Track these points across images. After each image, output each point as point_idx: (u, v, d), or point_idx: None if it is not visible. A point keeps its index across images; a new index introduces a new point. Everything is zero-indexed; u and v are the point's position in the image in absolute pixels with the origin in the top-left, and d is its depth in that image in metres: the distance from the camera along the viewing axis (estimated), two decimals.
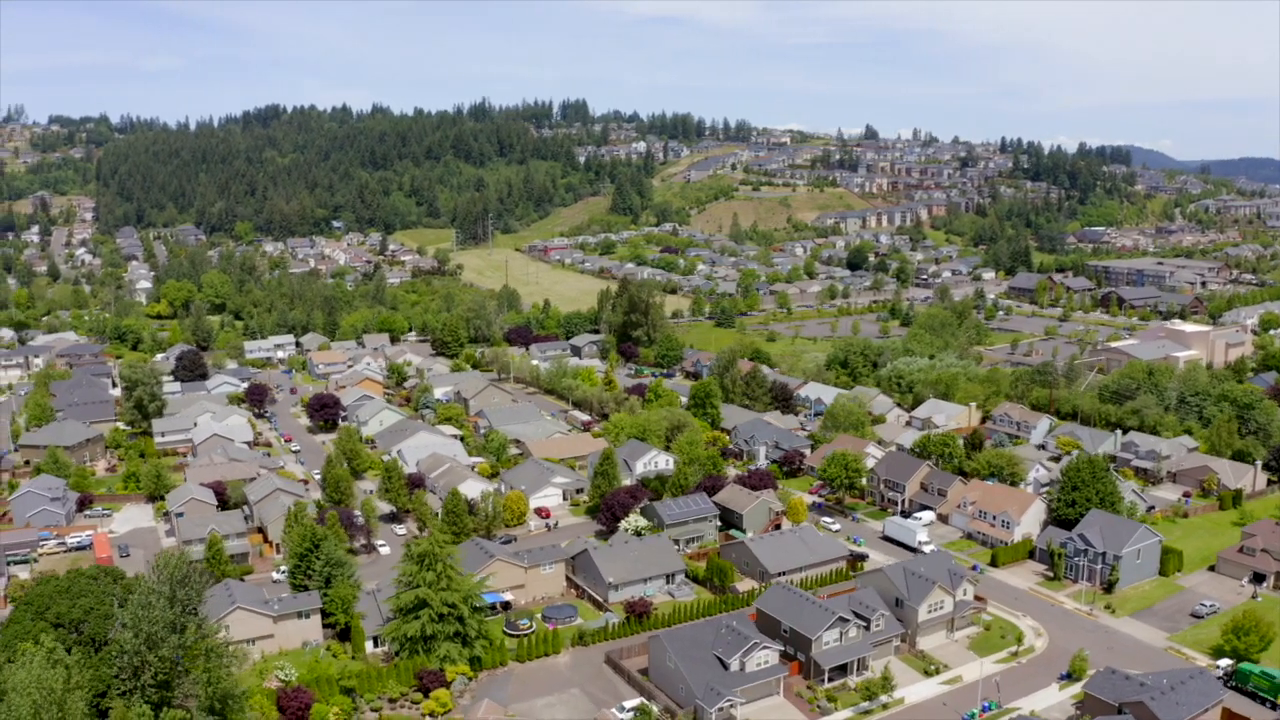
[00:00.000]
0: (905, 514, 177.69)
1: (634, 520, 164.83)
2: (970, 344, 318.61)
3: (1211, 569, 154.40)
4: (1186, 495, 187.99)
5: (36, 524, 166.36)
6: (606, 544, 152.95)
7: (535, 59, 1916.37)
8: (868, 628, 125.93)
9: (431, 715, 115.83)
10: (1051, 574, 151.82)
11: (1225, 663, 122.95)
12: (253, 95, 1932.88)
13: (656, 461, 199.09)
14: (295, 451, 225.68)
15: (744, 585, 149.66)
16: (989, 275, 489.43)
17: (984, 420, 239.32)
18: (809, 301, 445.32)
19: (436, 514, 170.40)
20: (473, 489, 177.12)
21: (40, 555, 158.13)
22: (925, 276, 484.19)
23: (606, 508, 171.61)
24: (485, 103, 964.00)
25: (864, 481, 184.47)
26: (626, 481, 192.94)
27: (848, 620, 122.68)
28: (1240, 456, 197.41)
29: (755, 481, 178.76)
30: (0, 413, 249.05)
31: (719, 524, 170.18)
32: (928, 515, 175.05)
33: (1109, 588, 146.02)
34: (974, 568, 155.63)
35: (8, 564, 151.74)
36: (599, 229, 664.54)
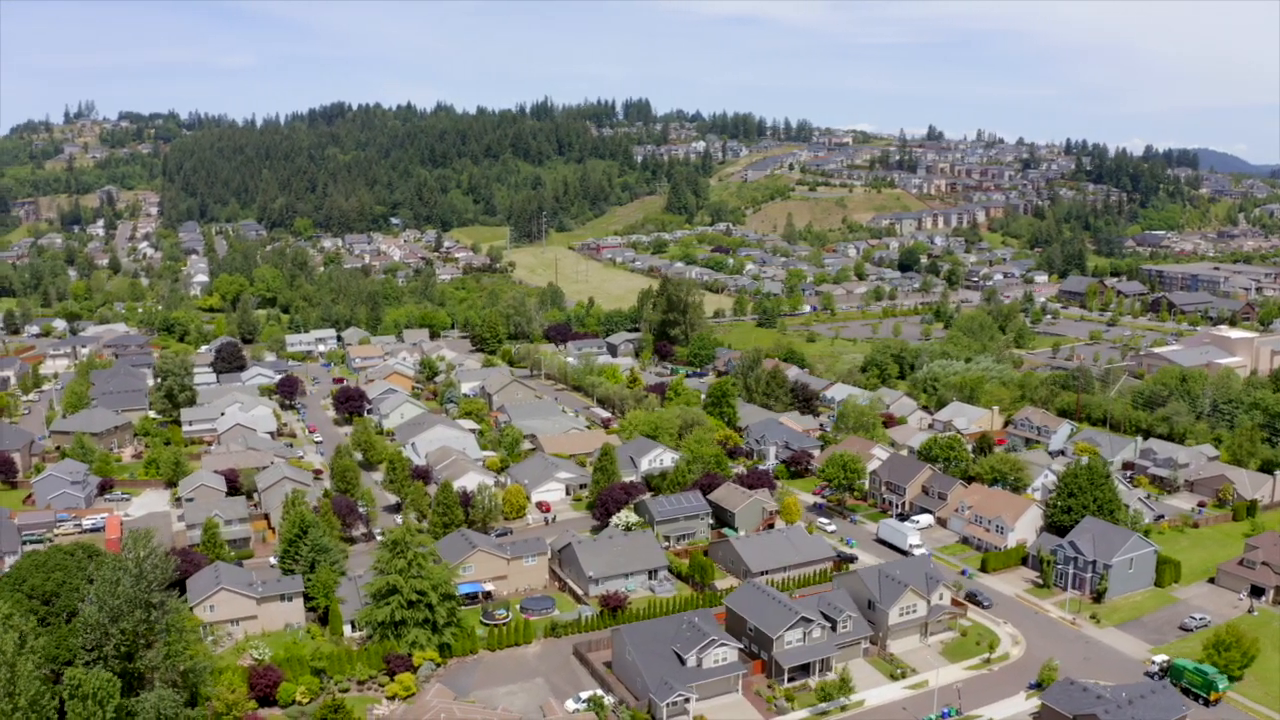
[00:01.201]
0: (903, 517, 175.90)
1: (625, 516, 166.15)
2: (1007, 347, 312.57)
3: (1211, 581, 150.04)
4: (1201, 505, 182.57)
5: (57, 506, 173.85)
6: (592, 538, 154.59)
7: (607, 58, 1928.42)
8: (834, 629, 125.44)
9: (395, 698, 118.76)
10: (1041, 581, 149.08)
11: (1161, 658, 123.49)
12: (325, 92, 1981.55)
13: (662, 458, 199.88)
14: (318, 442, 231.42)
15: (728, 583, 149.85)
16: (1041, 278, 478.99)
17: (1006, 424, 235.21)
18: (855, 303, 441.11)
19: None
20: (472, 481, 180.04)
21: (56, 536, 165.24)
22: (976, 279, 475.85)
23: (601, 503, 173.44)
24: (547, 101, 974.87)
25: (863, 483, 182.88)
26: (631, 478, 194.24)
27: (811, 620, 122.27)
28: (1269, 467, 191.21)
29: (752, 481, 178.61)
30: (42, 400, 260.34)
31: (711, 522, 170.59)
32: (925, 519, 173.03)
33: (1098, 597, 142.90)
34: (963, 572, 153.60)
35: (23, 543, 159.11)
36: (653, 228, 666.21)
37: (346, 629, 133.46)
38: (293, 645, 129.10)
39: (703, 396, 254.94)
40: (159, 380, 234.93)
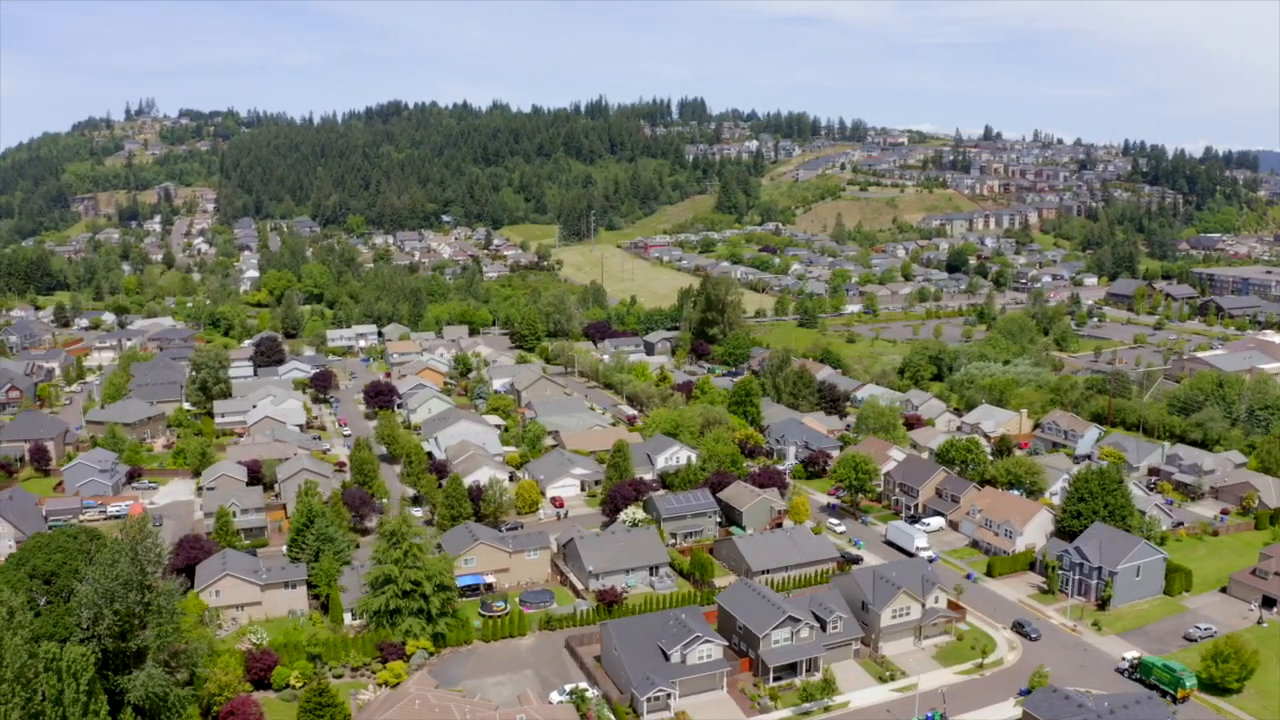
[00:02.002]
0: (914, 519, 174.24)
1: (632, 512, 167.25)
2: (1045, 350, 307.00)
3: (1224, 590, 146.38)
4: (1224, 512, 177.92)
5: (85, 493, 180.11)
6: (595, 534, 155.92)
7: (667, 58, 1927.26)
8: (823, 629, 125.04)
9: (385, 684, 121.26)
10: (1047, 587, 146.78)
11: (1131, 655, 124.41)
12: (386, 91, 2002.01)
13: (678, 456, 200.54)
14: (346, 435, 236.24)
15: (729, 581, 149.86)
16: (1091, 281, 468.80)
17: (1035, 428, 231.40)
18: (900, 304, 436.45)
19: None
20: (485, 476, 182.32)
21: (81, 522, 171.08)
22: (1024, 281, 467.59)
23: (610, 499, 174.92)
24: (602, 100, 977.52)
25: (874, 484, 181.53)
26: (647, 475, 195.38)
27: (799, 620, 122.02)
28: None
29: (763, 480, 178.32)
30: (84, 391, 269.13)
31: (719, 520, 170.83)
32: (936, 521, 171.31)
33: (1102, 604, 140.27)
34: (968, 576, 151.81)
35: (49, 529, 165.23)
36: (702, 227, 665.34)
37: (347, 617, 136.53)
38: (291, 631, 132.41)
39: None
40: (194, 373, 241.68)
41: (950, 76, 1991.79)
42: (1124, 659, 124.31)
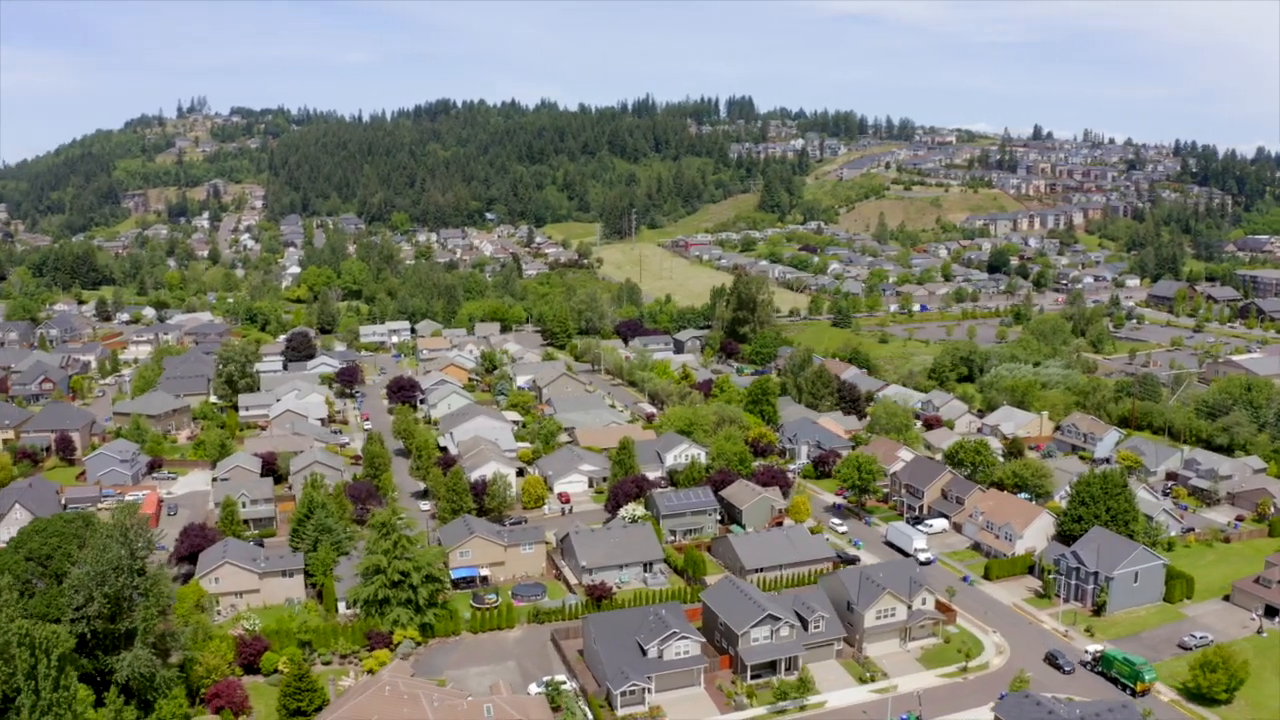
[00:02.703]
0: (917, 520, 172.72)
1: (631, 509, 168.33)
2: (1078, 352, 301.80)
3: (1227, 599, 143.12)
4: (1239, 519, 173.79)
5: (106, 483, 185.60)
6: (590, 529, 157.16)
7: (721, 56, 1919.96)
8: (805, 628, 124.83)
9: (370, 672, 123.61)
10: (1043, 591, 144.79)
11: (1094, 648, 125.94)
12: (439, 89, 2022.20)
13: (687, 454, 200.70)
14: (367, 429, 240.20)
15: (718, 578, 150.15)
16: (1133, 282, 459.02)
17: (1056, 430, 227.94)
18: (937, 304, 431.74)
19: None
20: (490, 471, 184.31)
21: (99, 510, 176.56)
22: (1065, 282, 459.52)
23: (613, 496, 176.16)
24: (649, 99, 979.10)
25: (877, 485, 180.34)
26: (656, 473, 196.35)
27: (779, 619, 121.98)
28: None
29: (766, 479, 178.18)
30: (117, 384, 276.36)
31: (720, 518, 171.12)
32: (939, 523, 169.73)
33: (1098, 610, 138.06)
34: (964, 579, 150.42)
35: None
36: (744, 226, 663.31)
37: (341, 606, 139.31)
38: (284, 618, 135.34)
39: None
40: (221, 367, 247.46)
41: (1004, 75, 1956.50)
42: (1086, 652, 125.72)
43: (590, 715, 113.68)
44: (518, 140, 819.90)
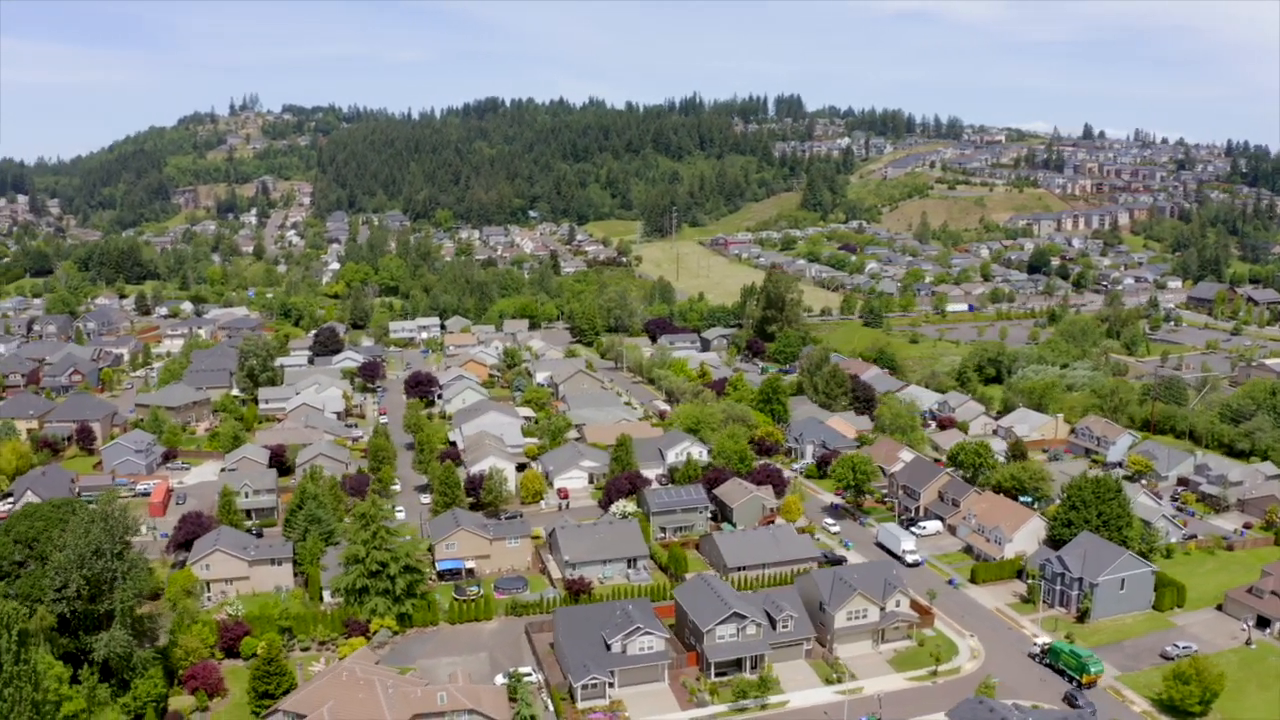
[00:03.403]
0: (911, 522, 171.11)
1: (622, 505, 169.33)
2: (1106, 354, 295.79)
3: (1220, 608, 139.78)
4: (1247, 526, 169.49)
5: (121, 472, 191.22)
6: (577, 525, 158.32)
7: (774, 55, 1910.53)
8: (773, 627, 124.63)
9: (342, 659, 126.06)
10: (1028, 596, 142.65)
11: (1043, 640, 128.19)
12: (495, 87, 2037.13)
13: (689, 452, 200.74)
14: (384, 423, 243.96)
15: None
16: (1175, 284, 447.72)
17: (1071, 433, 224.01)
18: (972, 304, 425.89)
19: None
20: (487, 465, 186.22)
21: (111, 498, 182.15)
22: (1105, 283, 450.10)
23: (607, 492, 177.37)
24: (696, 97, 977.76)
25: (872, 485, 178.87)
26: (657, 470, 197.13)
27: (745, 617, 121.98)
28: None
29: (761, 477, 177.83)
30: (145, 376, 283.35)
31: (711, 516, 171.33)
32: (933, 525, 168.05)
33: (1081, 616, 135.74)
34: (950, 582, 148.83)
35: (86, 502, 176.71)
36: (786, 225, 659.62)
37: (326, 594, 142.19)
38: (267, 605, 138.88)
39: None
40: (243, 361, 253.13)
41: (1059, 74, 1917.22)
42: (1035, 644, 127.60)
43: (551, 707, 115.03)
44: (563, 138, 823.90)
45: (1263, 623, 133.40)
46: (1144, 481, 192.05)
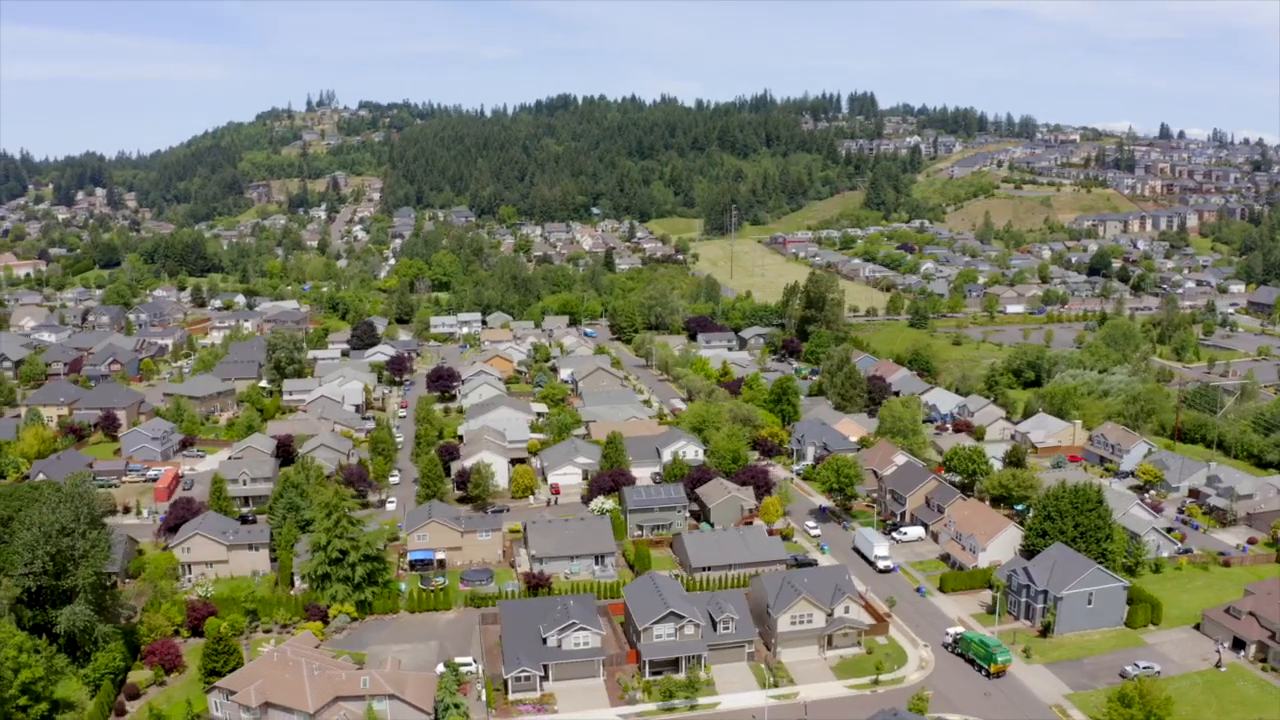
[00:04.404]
0: (894, 527, 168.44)
1: (601, 502, 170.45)
2: (1145, 359, 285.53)
3: (1197, 627, 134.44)
4: (1251, 541, 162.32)
5: (138, 458, 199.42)
6: (548, 520, 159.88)
7: (852, 53, 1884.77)
8: (714, 628, 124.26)
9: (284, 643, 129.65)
10: (994, 607, 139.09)
11: (954, 630, 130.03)
12: (579, 84, 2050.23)
13: (685, 451, 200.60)
14: (402, 417, 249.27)
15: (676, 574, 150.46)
16: (1237, 288, 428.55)
17: (1089, 439, 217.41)
18: (1024, 305, 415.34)
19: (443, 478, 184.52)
20: (490, 460, 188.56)
21: (123, 482, 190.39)
22: (1165, 286, 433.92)
23: (591, 489, 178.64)
24: (767, 94, 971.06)
25: (854, 489, 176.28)
26: (653, 468, 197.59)
27: (682, 617, 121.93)
28: None
29: (745, 478, 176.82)
30: (184, 367, 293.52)
31: (689, 514, 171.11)
32: (915, 531, 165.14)
33: (1044, 630, 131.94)
34: (918, 589, 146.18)
35: (99, 486, 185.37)
36: (847, 223, 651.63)
37: (296, 580, 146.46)
38: (237, 588, 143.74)
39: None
40: (270, 353, 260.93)
41: (1146, 72, 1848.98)
42: (948, 633, 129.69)
43: (485, 698, 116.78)
44: (629, 136, 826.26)
45: (1238, 644, 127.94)
46: (1153, 492, 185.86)
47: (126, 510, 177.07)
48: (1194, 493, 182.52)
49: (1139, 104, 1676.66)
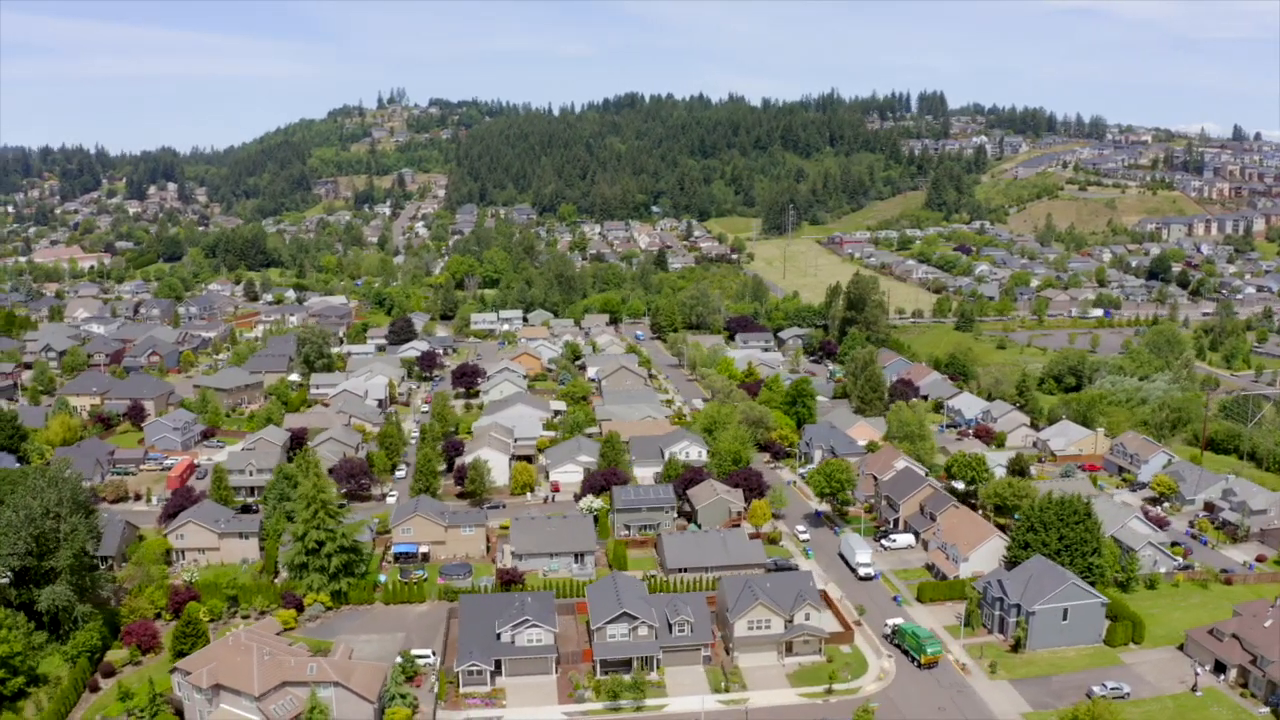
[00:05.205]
0: (884, 534, 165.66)
1: (589, 501, 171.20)
2: (1187, 366, 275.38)
3: (1181, 648, 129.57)
4: (1260, 559, 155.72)
5: (160, 447, 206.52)
6: (531, 518, 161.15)
7: (931, 50, 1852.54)
8: (669, 630, 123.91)
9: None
10: (967, 620, 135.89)
11: (893, 622, 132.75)
12: (650, 83, 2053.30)
13: (689, 451, 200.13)
14: (424, 412, 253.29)
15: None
16: None
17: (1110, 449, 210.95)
18: (1076, 309, 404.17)
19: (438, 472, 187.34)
20: (489, 456, 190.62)
21: (140, 470, 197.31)
22: (1225, 291, 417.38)
23: (585, 487, 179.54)
24: (834, 93, 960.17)
25: (846, 494, 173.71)
26: (656, 468, 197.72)
27: (636, 618, 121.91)
28: None
29: (737, 480, 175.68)
30: (222, 360, 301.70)
31: (676, 515, 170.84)
32: (904, 538, 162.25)
33: (1015, 645, 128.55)
34: (894, 599, 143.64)
35: (114, 473, 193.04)
36: (907, 224, 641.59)
37: (283, 569, 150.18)
38: (221, 574, 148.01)
39: (821, 398, 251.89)
40: (300, 348, 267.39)
41: (1226, 73, 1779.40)
42: (887, 624, 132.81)
43: (437, 690, 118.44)
44: (692, 135, 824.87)
45: (1220, 668, 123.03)
46: (1166, 505, 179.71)
47: (137, 497, 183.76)
48: (1209, 506, 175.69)
49: (1217, 105, 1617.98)
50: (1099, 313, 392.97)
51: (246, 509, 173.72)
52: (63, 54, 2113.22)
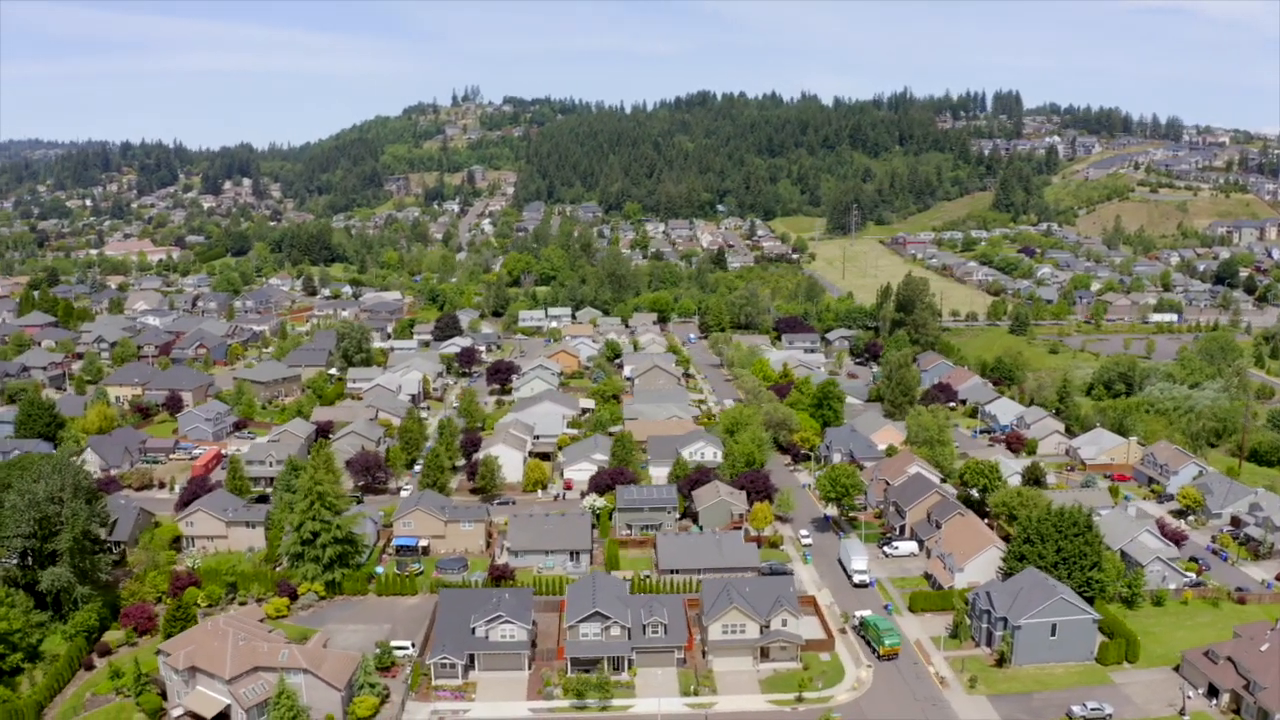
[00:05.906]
0: (886, 541, 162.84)
1: (591, 500, 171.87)
2: (1240, 373, 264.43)
3: (1177, 669, 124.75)
4: (1278, 578, 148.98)
5: (191, 437, 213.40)
6: (529, 516, 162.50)
7: (1013, 50, 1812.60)
8: (643, 631, 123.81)
9: (267, 616, 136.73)
10: (955, 632, 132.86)
11: (861, 614, 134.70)
12: (720, 81, 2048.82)
13: (704, 452, 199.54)
14: (455, 407, 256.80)
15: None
16: None
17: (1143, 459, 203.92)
18: (1137, 314, 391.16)
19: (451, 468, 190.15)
20: (504, 453, 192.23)
21: (169, 459, 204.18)
22: None
23: (592, 486, 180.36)
24: (906, 92, 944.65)
25: (852, 499, 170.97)
26: (665, 468, 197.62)
27: (607, 618, 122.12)
28: None
29: (742, 482, 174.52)
30: (260, 354, 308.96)
31: (678, 515, 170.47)
32: (907, 546, 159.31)
33: (1000, 660, 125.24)
34: (885, 607, 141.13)
35: (144, 460, 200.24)
36: (973, 225, 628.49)
37: (285, 558, 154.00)
38: (222, 562, 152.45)
39: (852, 400, 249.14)
40: (339, 343, 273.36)
41: None
42: (854, 615, 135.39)
43: (410, 681, 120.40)
44: (761, 133, 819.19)
45: (1213, 691, 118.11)
46: (1191, 518, 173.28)
47: (161, 485, 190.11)
48: (1235, 521, 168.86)
49: None
50: (1160, 318, 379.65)
51: (262, 499, 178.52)
52: (149, 50, 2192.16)
